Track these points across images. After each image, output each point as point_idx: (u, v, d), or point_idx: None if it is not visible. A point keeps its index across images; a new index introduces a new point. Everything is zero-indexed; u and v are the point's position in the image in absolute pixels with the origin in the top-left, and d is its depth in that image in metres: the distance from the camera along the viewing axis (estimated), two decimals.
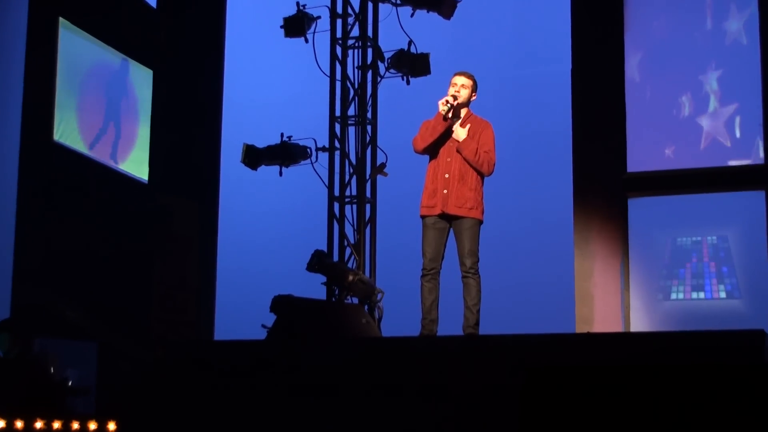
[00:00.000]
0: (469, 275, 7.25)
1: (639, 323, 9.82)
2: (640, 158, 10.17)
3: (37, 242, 9.73)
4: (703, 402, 4.86)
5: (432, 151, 7.38)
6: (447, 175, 7.28)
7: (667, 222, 10.02)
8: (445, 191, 7.26)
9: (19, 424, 6.96)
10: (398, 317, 8.73)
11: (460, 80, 7.40)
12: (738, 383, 4.88)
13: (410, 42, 9.73)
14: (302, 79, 10.76)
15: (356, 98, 9.79)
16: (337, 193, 9.73)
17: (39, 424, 6.97)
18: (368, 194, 9.70)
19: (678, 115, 10.15)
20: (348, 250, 9.64)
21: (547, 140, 10.75)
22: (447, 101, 7.28)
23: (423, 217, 7.39)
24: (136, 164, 11.30)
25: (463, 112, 7.43)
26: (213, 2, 12.26)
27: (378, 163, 9.66)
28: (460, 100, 7.33)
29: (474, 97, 7.44)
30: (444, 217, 7.30)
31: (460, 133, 7.30)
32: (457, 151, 7.29)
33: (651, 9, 10.36)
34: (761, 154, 9.83)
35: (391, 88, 9.89)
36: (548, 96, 10.75)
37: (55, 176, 10.03)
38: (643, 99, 10.23)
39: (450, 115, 7.29)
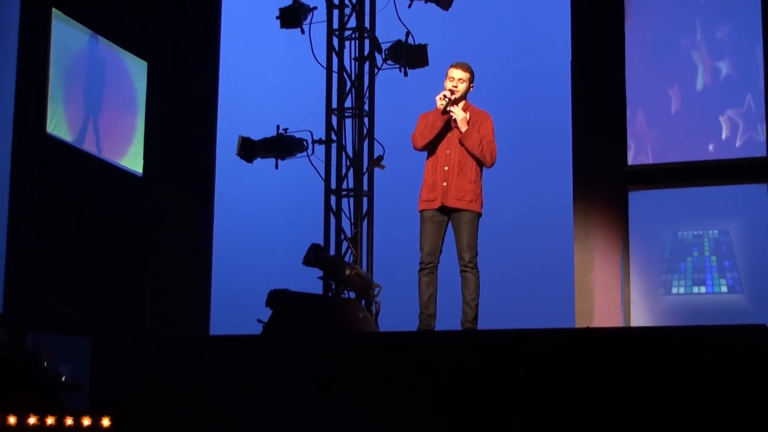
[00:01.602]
0: (467, 269, 7.21)
1: (639, 318, 9.79)
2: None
3: (30, 236, 9.68)
4: (704, 398, 4.81)
5: (431, 146, 7.32)
6: (446, 168, 7.24)
7: (668, 215, 9.97)
8: (445, 183, 7.21)
9: (12, 419, 6.93)
10: (396, 312, 8.69)
11: (456, 74, 7.33)
12: (740, 378, 4.83)
13: (408, 33, 9.68)
14: (298, 71, 10.73)
15: (353, 90, 9.75)
16: (333, 186, 9.70)
17: (32, 420, 6.95)
18: (365, 187, 9.67)
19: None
20: (345, 244, 9.61)
21: (546, 132, 10.70)
22: (444, 96, 7.23)
23: (421, 211, 7.34)
24: (131, 157, 11.24)
25: (461, 103, 7.37)
26: None
27: (375, 156, 9.63)
28: (457, 95, 7.28)
29: (471, 89, 7.39)
30: (443, 210, 7.26)
31: (458, 113, 7.21)
32: (460, 142, 7.22)
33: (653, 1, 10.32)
34: (764, 146, 9.79)
35: (388, 79, 9.85)
36: (548, 88, 10.71)
37: (48, 169, 9.97)
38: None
39: (448, 108, 7.23)
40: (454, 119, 7.27)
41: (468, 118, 7.25)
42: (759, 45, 9.87)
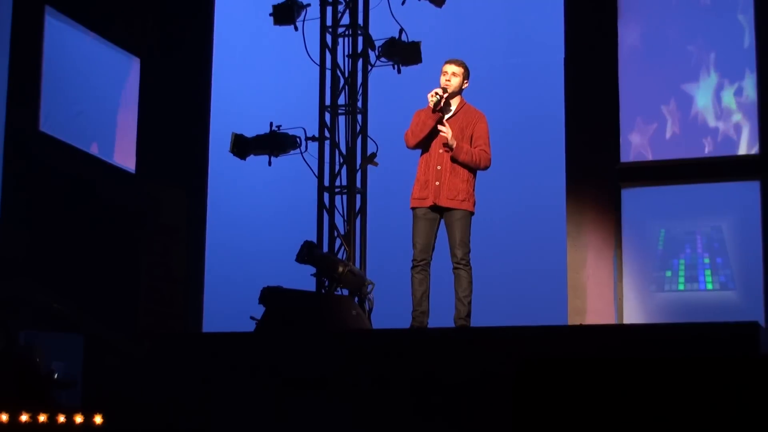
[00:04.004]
0: (460, 266, 7.21)
1: (632, 315, 9.79)
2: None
3: (23, 233, 9.66)
4: (696, 395, 4.81)
5: (424, 145, 7.32)
6: (439, 167, 7.24)
7: (660, 212, 9.98)
8: (437, 183, 7.21)
9: (4, 417, 6.92)
10: (389, 309, 8.69)
11: (450, 68, 7.35)
12: (732, 375, 4.83)
13: (401, 30, 9.68)
14: (292, 68, 10.72)
15: (346, 87, 9.75)
16: (326, 183, 9.70)
17: (24, 418, 6.94)
18: (358, 184, 9.67)
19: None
20: (338, 241, 9.60)
21: (539, 130, 10.70)
22: (436, 93, 7.23)
23: (413, 208, 7.34)
24: (124, 154, 11.22)
25: (456, 101, 7.37)
26: None
27: (368, 153, 9.63)
28: (450, 90, 7.28)
29: (466, 85, 7.39)
30: (435, 208, 7.25)
31: (446, 133, 7.18)
32: (453, 160, 7.20)
33: None
34: (757, 144, 9.80)
35: (381, 76, 9.85)
36: (541, 85, 10.70)
37: (40, 166, 9.96)
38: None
39: (442, 104, 7.23)
40: (441, 131, 7.24)
41: (453, 142, 7.19)
42: (753, 41, 9.87)
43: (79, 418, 6.92)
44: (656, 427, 4.80)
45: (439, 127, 7.23)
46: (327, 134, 9.72)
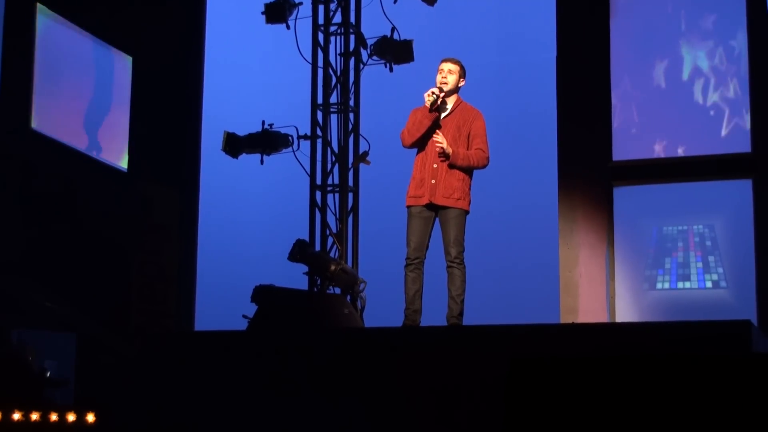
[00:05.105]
0: (453, 265, 7.21)
1: (624, 313, 9.81)
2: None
3: (14, 232, 9.65)
4: (689, 393, 4.81)
5: (420, 143, 7.32)
6: (435, 165, 7.24)
7: (653, 211, 10.00)
8: (433, 181, 7.21)
9: None
10: (381, 307, 8.69)
11: (447, 66, 7.35)
12: (724, 374, 4.83)
13: (393, 29, 9.68)
14: (284, 66, 10.73)
15: (338, 85, 9.75)
16: (319, 181, 9.70)
17: (17, 416, 6.93)
18: (351, 183, 9.67)
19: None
20: (330, 240, 9.61)
21: (531, 128, 10.70)
22: (432, 92, 7.23)
23: (409, 206, 7.34)
24: (115, 152, 11.21)
25: (452, 99, 7.37)
26: None
27: (360, 152, 9.63)
28: (446, 89, 7.28)
29: (462, 83, 7.39)
30: (430, 206, 7.25)
31: (442, 144, 7.19)
32: (450, 166, 7.21)
33: None
34: (749, 142, 9.82)
35: (374, 75, 9.84)
36: (533, 84, 10.71)
37: (33, 164, 9.94)
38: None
39: (438, 103, 7.23)
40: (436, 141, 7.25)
41: (449, 149, 7.20)
42: (744, 40, 9.89)
43: (71, 417, 6.92)
44: (649, 426, 4.80)
45: (435, 137, 7.23)
46: (319, 133, 9.72)
